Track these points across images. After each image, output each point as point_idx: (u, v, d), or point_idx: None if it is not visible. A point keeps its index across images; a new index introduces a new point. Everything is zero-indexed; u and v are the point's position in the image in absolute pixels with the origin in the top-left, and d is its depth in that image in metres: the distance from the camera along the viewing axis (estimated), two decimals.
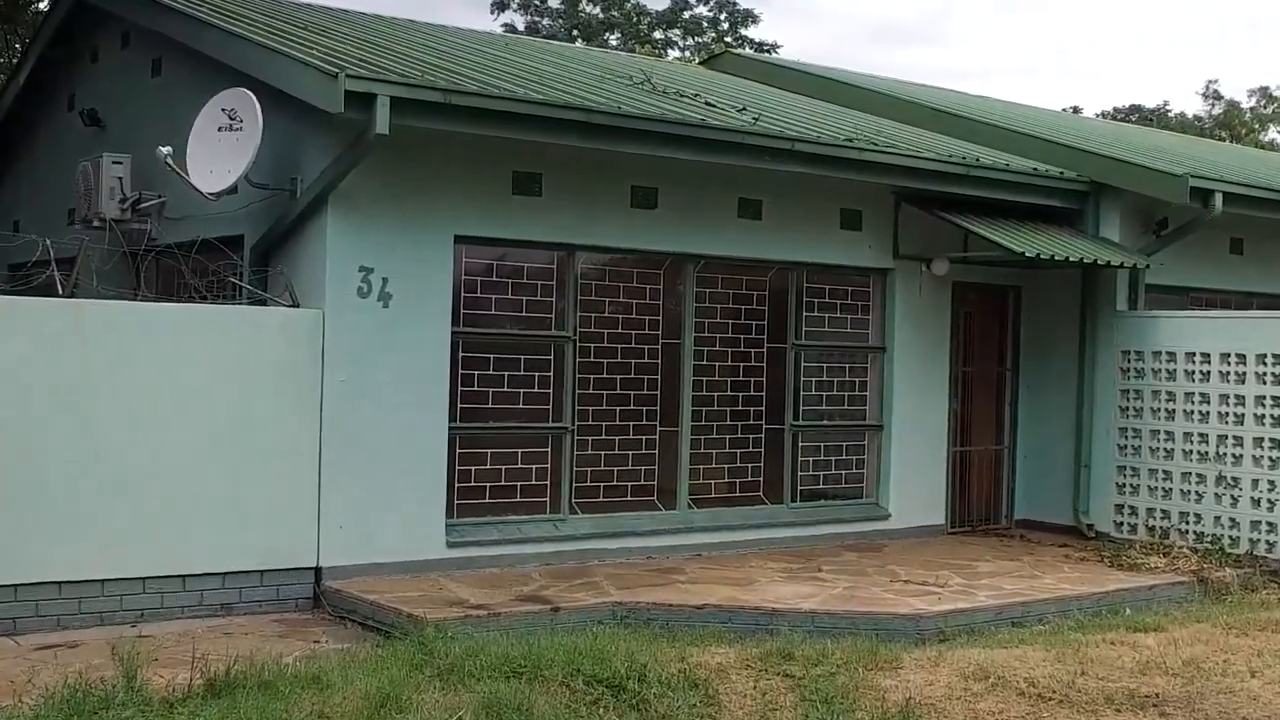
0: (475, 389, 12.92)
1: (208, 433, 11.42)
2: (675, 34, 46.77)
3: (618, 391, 13.83)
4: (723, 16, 46.45)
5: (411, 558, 12.32)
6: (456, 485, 12.82)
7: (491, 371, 13.04)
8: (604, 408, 13.74)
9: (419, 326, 12.35)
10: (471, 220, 12.68)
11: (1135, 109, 56.07)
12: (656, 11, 45.93)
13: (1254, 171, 18.67)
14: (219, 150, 12.23)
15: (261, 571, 11.68)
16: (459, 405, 12.78)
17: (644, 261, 14.01)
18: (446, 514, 12.63)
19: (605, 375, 13.75)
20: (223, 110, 12.28)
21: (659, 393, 14.10)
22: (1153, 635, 11.55)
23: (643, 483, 14.02)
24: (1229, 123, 56.44)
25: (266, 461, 11.67)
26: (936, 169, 14.59)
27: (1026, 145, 16.40)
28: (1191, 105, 59.43)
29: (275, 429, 11.72)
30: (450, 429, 12.63)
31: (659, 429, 14.11)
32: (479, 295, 13.01)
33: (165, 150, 12.46)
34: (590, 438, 13.64)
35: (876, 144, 14.33)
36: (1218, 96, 59.91)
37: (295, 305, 12.04)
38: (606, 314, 13.79)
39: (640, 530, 13.72)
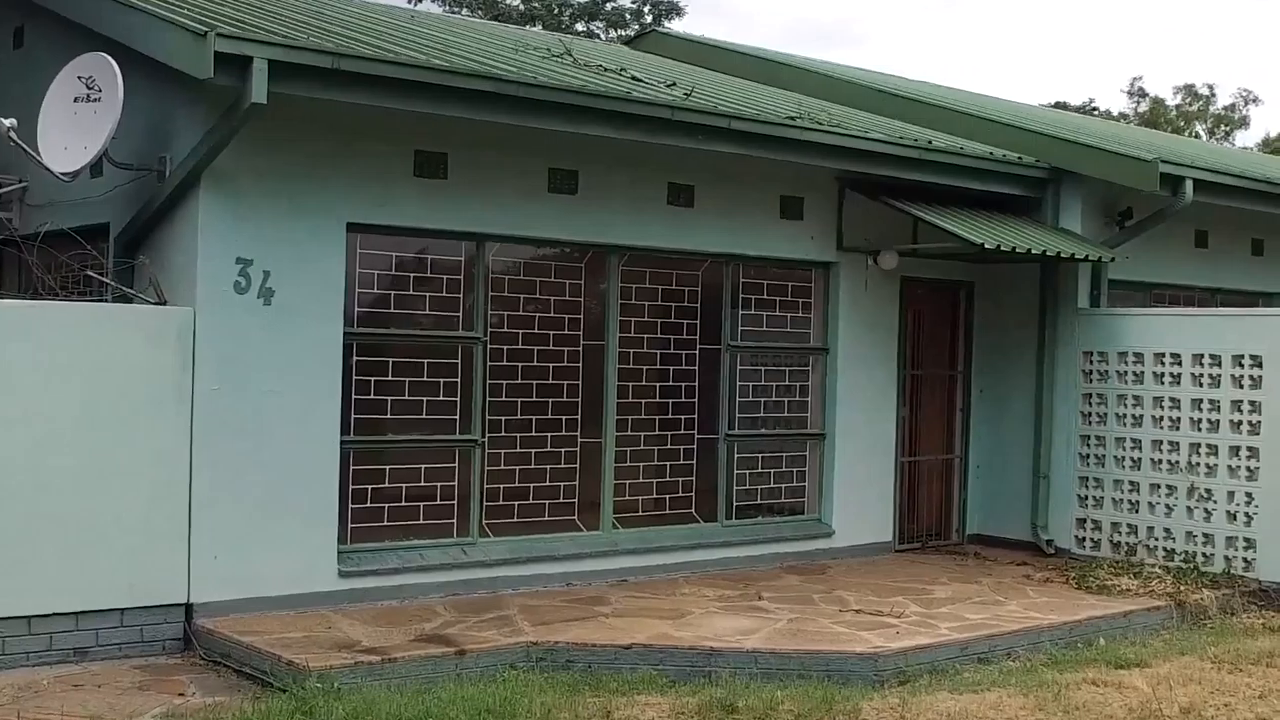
0: (371, 397, 11.46)
1: (56, 449, 9.83)
2: (598, 26, 45.52)
3: (534, 399, 12.40)
4: (646, 9, 45.22)
5: (298, 590, 10.83)
6: (350, 507, 11.36)
7: (390, 377, 11.58)
8: (518, 417, 12.30)
9: (306, 327, 10.88)
10: (367, 206, 11.20)
11: (1061, 107, 55.35)
12: (578, 3, 44.61)
13: (1220, 160, 17.50)
14: (75, 124, 10.72)
15: (122, 610, 10.13)
16: (353, 416, 11.32)
17: (563, 253, 12.62)
18: (339, 540, 11.16)
19: (519, 381, 12.31)
20: (79, 78, 10.76)
21: (580, 400, 12.69)
22: (1138, 672, 10.32)
23: (562, 501, 12.59)
24: (1154, 120, 55.86)
25: (127, 482, 10.12)
26: (886, 151, 13.26)
27: (982, 129, 15.11)
28: (1117, 103, 58.72)
29: (137, 444, 10.17)
30: (343, 443, 11.16)
31: (580, 440, 12.69)
32: (375, 291, 11.54)
33: (8, 123, 10.90)
34: (503, 451, 12.21)
35: (821, 123, 12.96)
36: (1143, 94, 59.57)
37: (162, 302, 10.52)
38: (521, 312, 12.36)
39: (559, 554, 12.29)
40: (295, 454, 10.82)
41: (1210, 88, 59.88)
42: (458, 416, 11.93)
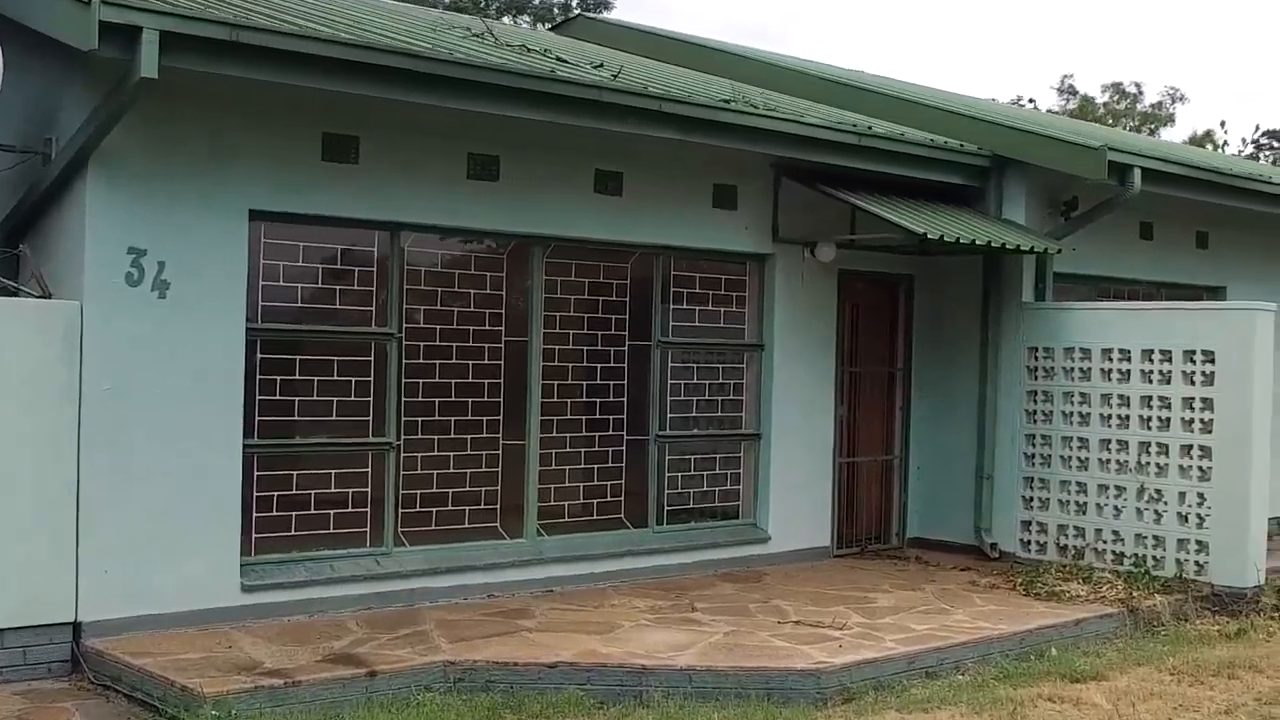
0: (277, 398, 10.68)
1: None
2: (525, 21, 44.79)
3: (452, 399, 11.67)
4: (575, 4, 44.52)
5: (198, 606, 10.04)
6: (254, 515, 10.57)
7: (297, 376, 10.80)
8: (436, 418, 11.56)
9: (205, 322, 10.09)
10: (271, 192, 10.42)
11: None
12: None
13: (1166, 150, 17.00)
14: None
15: (2, 630, 9.30)
16: (257, 418, 10.53)
17: (484, 244, 11.92)
18: (241, 551, 10.37)
19: (437, 380, 11.57)
20: None
21: (502, 400, 11.95)
22: (1095, 686, 9.79)
23: (483, 507, 11.86)
24: (1083, 118, 55.72)
25: (6, 491, 9.30)
26: (824, 137, 12.61)
27: (924, 117, 14.47)
28: (1047, 100, 58.60)
29: (18, 450, 9.35)
30: (246, 447, 10.37)
31: (502, 443, 11.96)
32: (281, 284, 10.75)
33: None
34: (419, 454, 11.46)
35: (756, 106, 12.28)
36: (1073, 91, 59.59)
37: (47, 295, 9.69)
38: (439, 307, 11.61)
39: (480, 564, 11.55)
40: (194, 459, 10.02)
41: (1138, 85, 60.08)
42: (370, 418, 11.17)
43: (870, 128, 13.17)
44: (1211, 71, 73.97)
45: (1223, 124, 59.36)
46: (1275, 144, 55.22)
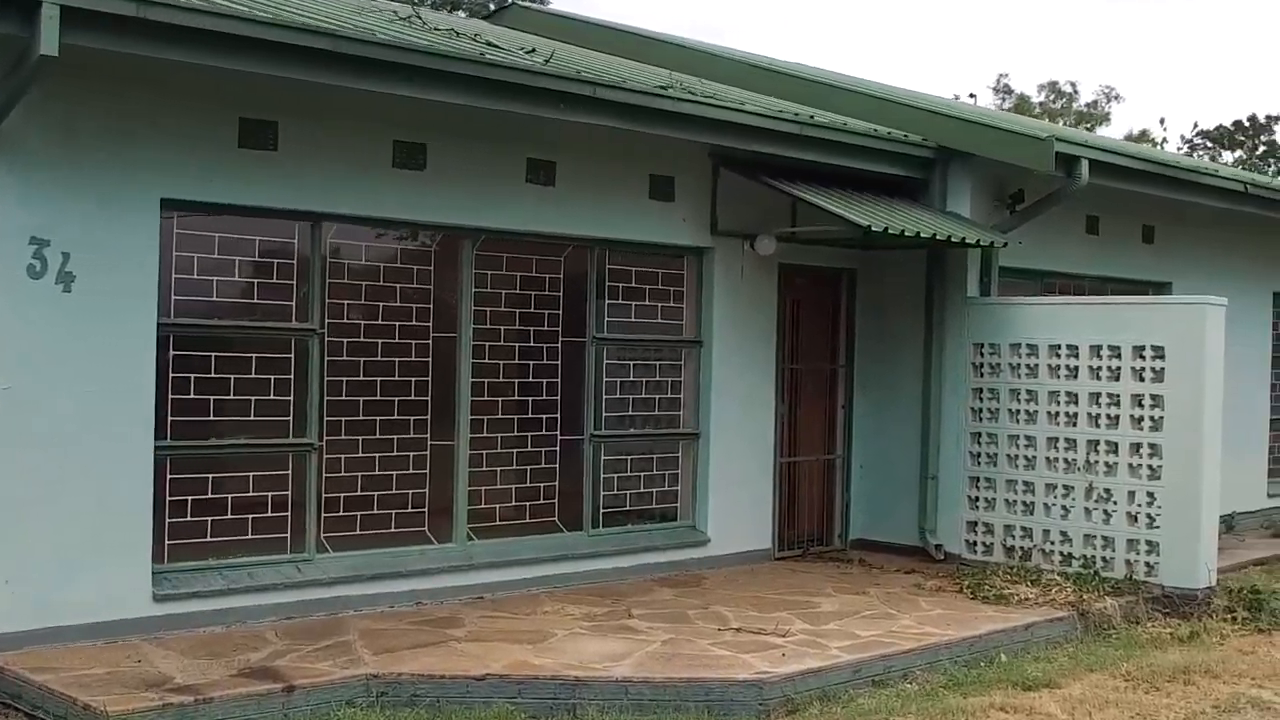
0: (191, 397, 10.15)
1: None
2: (461, 15, 44.25)
3: (378, 398, 11.17)
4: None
5: (107, 617, 9.48)
6: (168, 521, 10.03)
7: (213, 375, 10.27)
8: (360, 418, 11.06)
9: (114, 317, 9.54)
10: (185, 180, 9.87)
11: None
12: None
13: (1114, 144, 16.69)
14: None
15: None
16: (170, 419, 10.00)
17: (410, 236, 11.44)
18: (153, 559, 9.82)
19: (361, 378, 11.07)
20: None
21: (430, 398, 11.47)
22: (1048, 694, 9.43)
23: (410, 510, 11.37)
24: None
25: None
26: (764, 126, 12.16)
27: (867, 107, 14.08)
28: (983, 99, 58.62)
29: None
30: (158, 449, 9.84)
31: (430, 443, 11.47)
32: (196, 278, 10.20)
33: None
34: (343, 456, 10.96)
35: (694, 93, 11.82)
36: (1009, 91, 59.79)
37: None
38: (363, 301, 11.12)
39: (407, 570, 11.05)
40: (101, 462, 9.47)
41: (1073, 85, 60.49)
42: (291, 418, 10.64)
43: (812, 117, 12.77)
44: (1146, 71, 74.36)
45: (1162, 121, 59.75)
46: (1210, 144, 55.51)
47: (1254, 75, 75.03)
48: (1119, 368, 12.67)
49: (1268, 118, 57.50)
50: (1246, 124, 57.64)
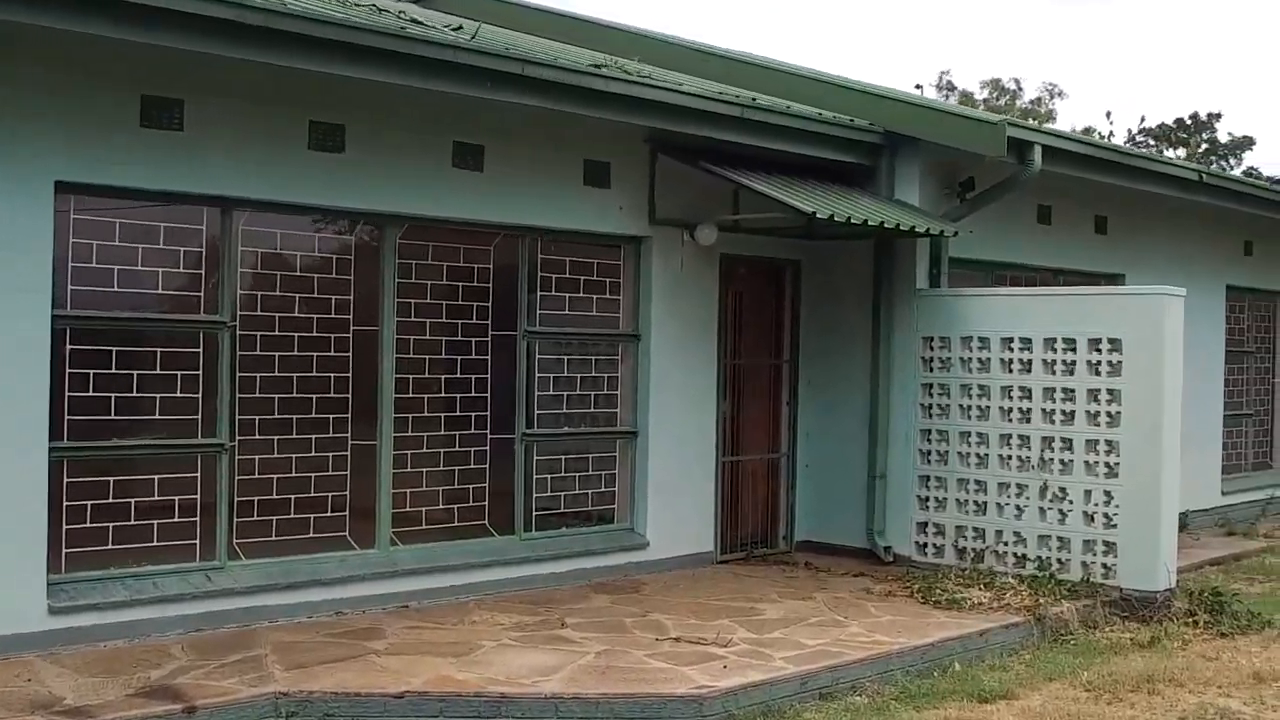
0: (90, 395, 9.46)
1: None
2: None
3: (294, 395, 10.50)
4: None
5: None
6: (65, 528, 9.34)
7: (114, 370, 9.58)
8: (275, 417, 10.39)
9: (3, 309, 8.84)
10: (81, 162, 9.17)
11: None
12: None
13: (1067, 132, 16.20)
14: None
15: None
16: (66, 418, 9.32)
17: (329, 223, 10.76)
18: (49, 569, 9.13)
19: (276, 374, 10.40)
20: None
21: (350, 396, 10.80)
22: (1005, 707, 8.92)
23: (330, 515, 10.71)
24: None
25: None
26: (704, 108, 11.57)
27: (812, 92, 13.51)
28: (926, 95, 58.40)
29: None
30: (53, 451, 9.15)
31: (351, 443, 10.80)
32: (95, 266, 9.51)
33: None
34: (256, 457, 10.29)
35: (629, 73, 11.20)
36: (952, 88, 59.54)
37: None
38: (278, 292, 10.45)
39: (326, 578, 10.39)
40: None
41: (1017, 82, 60.38)
42: (200, 416, 9.98)
43: (754, 99, 12.19)
44: (1089, 68, 74.39)
45: (1108, 115, 59.78)
46: (1154, 141, 55.38)
47: (1196, 73, 75.21)
48: (1074, 361, 12.16)
49: (1209, 115, 57.46)
50: (1189, 121, 57.58)
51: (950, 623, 10.71)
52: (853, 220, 11.56)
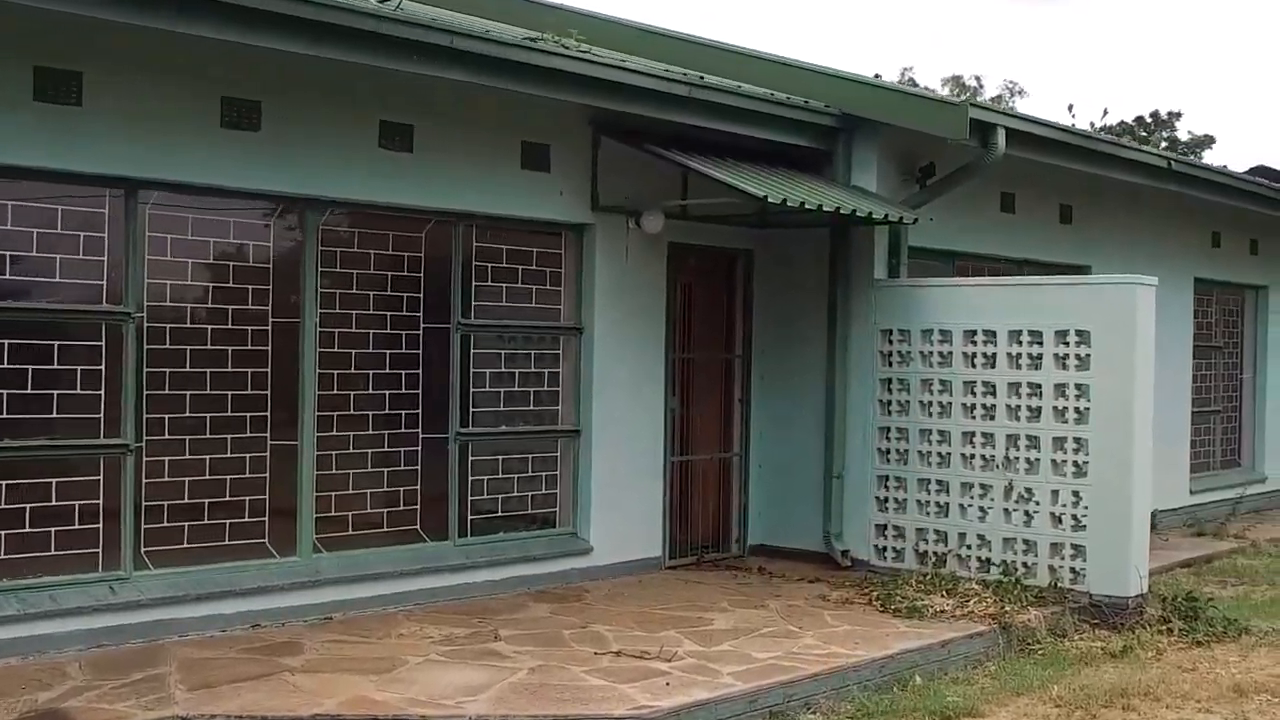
0: None
1: None
2: None
3: (207, 392, 9.76)
4: None
5: None
6: None
7: (5, 365, 8.83)
8: (186, 415, 9.65)
9: None
10: None
11: None
12: None
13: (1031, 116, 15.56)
14: None
15: None
16: None
17: (245, 207, 10.00)
18: None
19: (188, 370, 9.66)
20: None
21: (269, 392, 10.06)
22: None
23: (246, 520, 9.97)
24: None
25: None
26: (650, 86, 10.88)
27: (765, 73, 12.79)
28: None
29: None
30: None
31: (270, 443, 10.07)
32: None
33: None
34: (166, 458, 9.55)
35: (568, 48, 10.49)
36: (913, 84, 59.14)
37: None
38: (188, 281, 9.72)
39: (242, 588, 9.66)
40: None
41: (978, 79, 60.06)
42: (102, 415, 9.21)
43: (702, 77, 11.51)
44: (1050, 66, 74.21)
45: (1070, 108, 59.44)
46: (1115, 138, 55.01)
47: (1156, 73, 75.05)
48: (1040, 355, 11.54)
49: (1170, 114, 57.24)
50: (1149, 119, 57.35)
51: (910, 632, 10.06)
52: (806, 206, 10.89)
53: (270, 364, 10.05)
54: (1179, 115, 57.26)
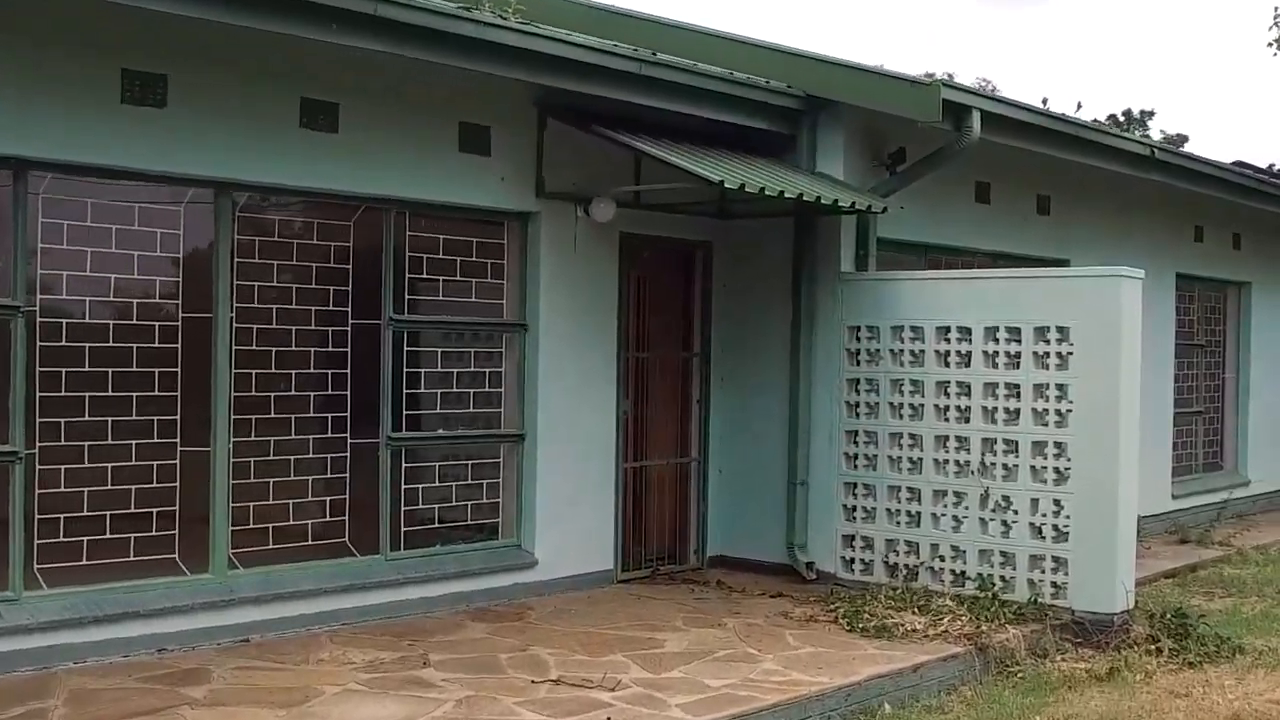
0: None
1: None
2: None
3: (109, 393, 8.90)
4: None
5: None
6: None
7: None
8: (85, 419, 8.79)
9: None
10: None
11: None
12: None
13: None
14: None
15: None
16: None
17: (152, 190, 9.13)
18: None
19: (87, 369, 8.81)
20: None
21: (179, 394, 9.20)
22: None
23: (154, 533, 9.11)
24: None
25: None
26: (598, 62, 10.05)
27: (725, 52, 11.90)
28: None
29: None
30: None
31: (180, 449, 9.21)
32: None
33: None
34: (61, 467, 8.69)
35: (506, 18, 9.63)
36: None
37: None
38: (88, 272, 8.85)
39: (147, 609, 8.80)
40: None
41: (950, 76, 59.30)
42: None
43: (655, 53, 10.67)
44: (1021, 64, 73.78)
45: (1044, 101, 58.86)
46: None
47: (1129, 72, 74.58)
48: (1019, 353, 10.77)
49: (1143, 112, 56.77)
50: (1122, 118, 56.85)
51: (879, 655, 9.25)
52: (766, 192, 10.08)
53: (180, 363, 9.19)
54: (1152, 114, 56.86)
